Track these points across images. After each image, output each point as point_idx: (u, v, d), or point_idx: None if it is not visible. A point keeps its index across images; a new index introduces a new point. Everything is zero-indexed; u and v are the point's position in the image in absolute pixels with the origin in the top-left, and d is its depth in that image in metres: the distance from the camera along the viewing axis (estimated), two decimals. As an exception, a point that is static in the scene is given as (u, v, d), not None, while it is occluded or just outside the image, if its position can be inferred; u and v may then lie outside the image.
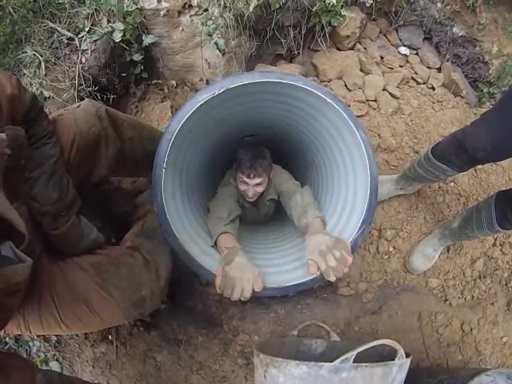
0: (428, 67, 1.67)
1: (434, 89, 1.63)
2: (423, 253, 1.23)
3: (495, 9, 1.70)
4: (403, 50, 1.66)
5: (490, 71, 1.68)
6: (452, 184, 1.39)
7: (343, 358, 0.73)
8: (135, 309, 0.78)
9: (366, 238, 1.24)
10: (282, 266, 1.01)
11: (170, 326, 1.06)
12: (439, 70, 1.70)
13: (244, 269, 0.88)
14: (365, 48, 1.61)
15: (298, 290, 0.97)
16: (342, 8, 1.41)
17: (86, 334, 0.96)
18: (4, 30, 1.17)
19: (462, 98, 1.68)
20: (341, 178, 1.05)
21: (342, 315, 1.07)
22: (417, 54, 1.70)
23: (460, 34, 1.69)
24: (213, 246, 1.00)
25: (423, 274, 1.24)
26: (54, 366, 0.93)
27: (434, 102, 1.56)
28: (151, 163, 0.89)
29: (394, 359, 0.77)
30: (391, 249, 1.25)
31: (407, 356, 0.78)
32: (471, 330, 1.21)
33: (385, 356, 0.90)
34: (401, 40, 1.70)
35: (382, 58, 1.62)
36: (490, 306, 1.27)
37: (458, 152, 0.95)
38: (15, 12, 1.19)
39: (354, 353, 0.74)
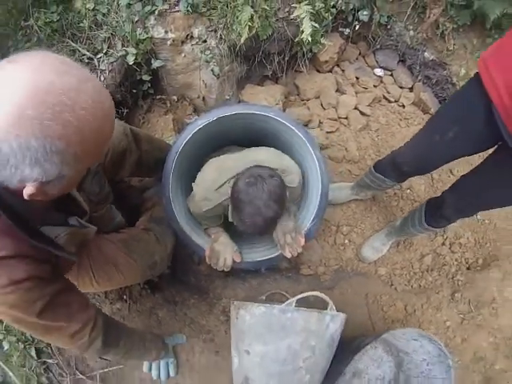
0: (401, 87, 2.17)
1: (404, 107, 2.12)
2: (372, 245, 1.73)
3: (465, 35, 2.19)
4: (378, 71, 2.16)
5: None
6: (408, 191, 1.89)
7: (287, 302, 1.21)
8: (149, 270, 1.28)
9: (325, 231, 1.75)
10: (257, 247, 1.50)
11: (169, 291, 1.60)
12: (411, 89, 2.20)
13: (227, 245, 1.38)
14: (342, 70, 2.13)
15: (267, 265, 1.46)
16: (321, 37, 1.91)
17: (106, 293, 1.46)
18: (33, 46, 1.66)
19: (431, 115, 2.17)
20: (304, 184, 1.54)
21: (301, 289, 1.55)
22: (391, 75, 2.20)
23: (431, 58, 2.18)
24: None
25: (373, 264, 1.74)
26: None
27: (401, 120, 2.05)
28: (159, 167, 1.38)
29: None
30: (346, 241, 1.78)
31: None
32: (414, 311, 1.69)
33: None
34: (377, 62, 2.20)
35: (357, 78, 2.13)
36: (435, 294, 1.76)
37: (391, 166, 1.44)
38: (41, 31, 1.69)
39: (295, 299, 1.22)
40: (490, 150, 1.15)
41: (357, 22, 1.92)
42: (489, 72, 0.96)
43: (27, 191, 0.61)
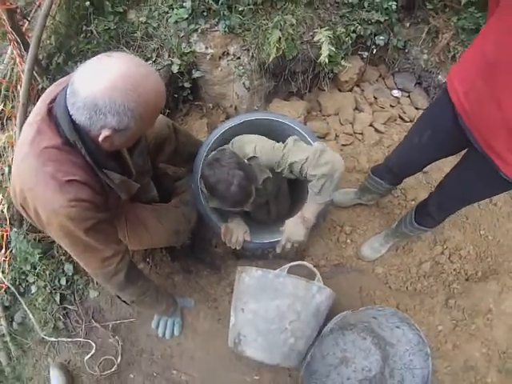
0: (416, 108, 2.40)
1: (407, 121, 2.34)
2: (371, 245, 1.94)
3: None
4: (395, 92, 2.42)
5: None
6: (413, 202, 2.08)
7: (281, 268, 1.46)
8: (173, 236, 1.59)
9: (330, 230, 2.00)
10: (264, 233, 1.77)
11: (186, 262, 1.90)
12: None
13: (239, 225, 1.67)
14: (362, 90, 2.41)
15: (270, 246, 1.70)
16: (342, 59, 2.22)
17: (132, 254, 1.78)
18: (93, 48, 2.09)
19: None
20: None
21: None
22: (408, 96, 2.44)
23: (443, 81, 2.38)
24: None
25: (372, 263, 1.94)
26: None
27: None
28: (192, 160, 1.72)
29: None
30: (348, 240, 1.99)
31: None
32: (406, 310, 1.85)
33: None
34: (396, 84, 2.46)
35: (375, 98, 2.40)
36: (429, 299, 1.91)
37: (385, 169, 1.68)
38: (99, 36, 2.13)
39: (287, 266, 1.47)
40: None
41: (374, 46, 2.22)
42: (451, 81, 1.20)
43: (105, 133, 0.94)
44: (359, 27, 2.13)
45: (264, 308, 1.47)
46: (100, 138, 0.96)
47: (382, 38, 2.16)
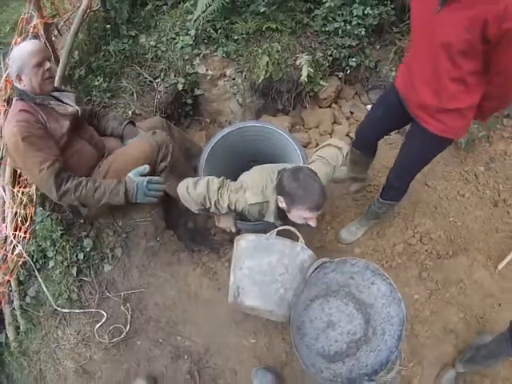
0: (387, 121, 2.89)
1: (390, 134, 2.81)
2: (348, 230, 2.32)
3: None
4: (369, 107, 2.92)
5: None
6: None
7: (270, 233, 1.81)
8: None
9: None
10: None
11: (190, 243, 2.22)
12: None
13: (229, 213, 2.02)
14: (340, 106, 2.91)
15: (263, 228, 2.06)
16: (320, 79, 2.75)
17: (145, 233, 2.09)
18: (110, 65, 2.56)
19: None
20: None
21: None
22: (381, 111, 2.94)
23: None
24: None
25: (350, 245, 2.28)
26: (118, 252, 2.07)
27: (386, 144, 2.74)
28: (189, 155, 2.13)
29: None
30: (329, 227, 2.39)
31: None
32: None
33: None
34: (370, 99, 2.97)
35: (352, 113, 2.89)
36: (403, 273, 2.23)
37: (358, 141, 2.15)
38: (116, 55, 2.60)
39: (275, 230, 1.82)
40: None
41: (348, 68, 2.77)
42: (398, 70, 1.72)
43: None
44: (335, 51, 2.68)
45: (258, 264, 1.79)
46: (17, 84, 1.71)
47: (354, 59, 2.70)
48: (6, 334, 2.05)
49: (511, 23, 1.13)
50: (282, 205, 1.72)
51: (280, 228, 1.87)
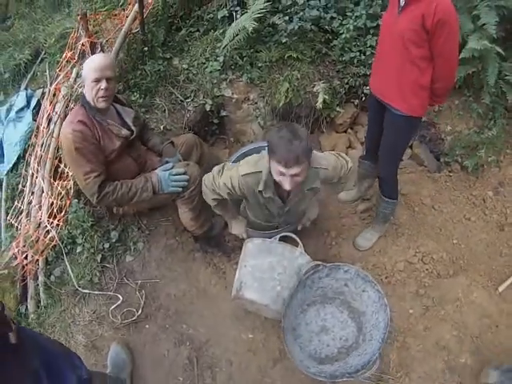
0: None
1: (402, 160, 3.06)
2: (363, 236, 2.61)
3: (451, 98, 3.13)
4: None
5: (445, 145, 3.09)
6: (391, 218, 2.70)
7: (274, 237, 2.11)
8: None
9: (318, 235, 2.67)
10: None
11: (205, 247, 2.53)
12: (411, 147, 3.16)
13: (242, 221, 2.34)
14: (355, 132, 3.21)
15: (270, 236, 2.35)
16: (337, 106, 3.07)
17: (165, 232, 2.43)
18: (146, 83, 2.96)
19: (425, 166, 3.08)
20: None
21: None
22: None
23: (423, 120, 3.12)
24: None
25: (352, 260, 2.49)
26: (140, 245, 2.42)
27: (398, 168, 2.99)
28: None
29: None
30: (333, 243, 2.66)
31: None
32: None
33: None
34: (385, 126, 3.24)
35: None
36: (401, 289, 2.41)
37: (366, 152, 2.50)
38: (151, 75, 2.99)
39: (279, 236, 2.11)
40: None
41: (363, 95, 3.09)
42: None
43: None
44: (351, 79, 3.00)
45: (260, 263, 2.07)
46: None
47: (368, 88, 3.01)
48: (27, 307, 2.37)
49: (440, 15, 1.73)
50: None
51: (283, 234, 2.17)
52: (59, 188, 2.49)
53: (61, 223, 2.41)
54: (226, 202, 2.20)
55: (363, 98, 3.09)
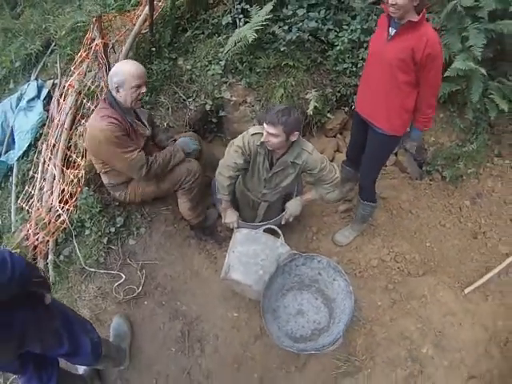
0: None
1: (386, 166, 3.60)
2: (342, 233, 3.13)
3: (436, 111, 3.55)
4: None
5: (428, 155, 3.61)
6: (370, 219, 3.25)
7: (259, 228, 2.65)
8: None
9: (301, 230, 3.17)
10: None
11: (199, 234, 3.08)
12: (395, 154, 3.69)
13: (233, 212, 2.90)
14: (344, 137, 3.74)
15: (260, 226, 2.90)
16: (328, 112, 3.61)
17: (165, 220, 2.96)
18: (152, 82, 3.48)
19: (407, 173, 3.61)
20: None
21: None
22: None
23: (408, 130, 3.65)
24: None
25: (329, 254, 3.02)
26: (142, 231, 2.96)
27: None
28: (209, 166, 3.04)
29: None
30: (314, 237, 3.18)
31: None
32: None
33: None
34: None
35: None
36: (372, 282, 2.95)
37: (347, 159, 3.02)
38: (157, 74, 3.51)
39: (263, 227, 2.66)
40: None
41: (352, 103, 3.61)
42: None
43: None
44: (343, 88, 3.52)
45: (246, 250, 2.61)
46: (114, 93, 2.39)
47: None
48: None
49: (430, 50, 2.12)
50: None
51: (266, 226, 2.71)
52: (71, 176, 3.02)
53: (71, 208, 2.94)
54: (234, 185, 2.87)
55: (353, 107, 3.61)
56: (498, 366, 2.66)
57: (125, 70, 2.39)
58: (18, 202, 3.35)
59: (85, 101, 3.26)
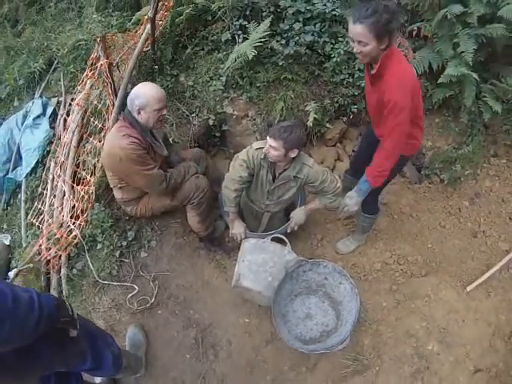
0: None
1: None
2: (344, 243, 3.32)
3: (431, 116, 3.92)
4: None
5: (426, 159, 3.85)
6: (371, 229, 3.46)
7: (267, 238, 2.87)
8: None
9: (306, 237, 3.39)
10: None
11: (208, 245, 3.29)
12: None
13: (241, 223, 3.11)
14: (344, 145, 3.97)
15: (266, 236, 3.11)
16: (327, 122, 3.83)
17: (175, 232, 3.18)
18: None
19: (407, 178, 3.84)
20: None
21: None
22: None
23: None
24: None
25: (334, 259, 3.24)
26: (153, 243, 3.16)
27: (380, 179, 3.74)
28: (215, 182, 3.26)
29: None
30: (319, 244, 3.39)
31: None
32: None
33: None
34: (370, 141, 4.01)
35: (354, 151, 3.93)
36: (376, 285, 3.17)
37: (351, 168, 3.23)
38: None
39: (271, 236, 2.87)
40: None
41: (351, 113, 3.84)
42: None
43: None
44: (341, 99, 3.74)
45: (255, 258, 2.82)
46: (135, 114, 2.56)
47: (356, 106, 3.75)
48: None
49: (389, 96, 2.14)
50: None
51: (274, 235, 2.92)
52: (82, 192, 3.22)
53: (83, 223, 3.14)
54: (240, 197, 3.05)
55: (351, 116, 3.85)
56: (503, 359, 2.86)
57: (147, 94, 2.57)
58: (28, 217, 3.54)
59: (92, 119, 3.46)
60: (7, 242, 3.65)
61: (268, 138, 2.60)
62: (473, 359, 2.81)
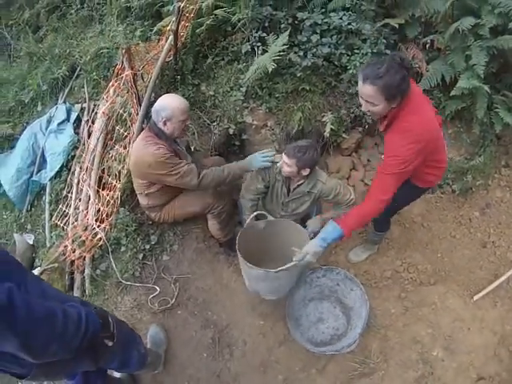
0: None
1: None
2: (355, 252, 3.66)
3: (445, 128, 4.16)
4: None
5: None
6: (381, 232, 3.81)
7: (278, 269, 3.20)
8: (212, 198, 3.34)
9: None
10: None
11: (228, 251, 3.69)
12: None
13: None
14: (359, 155, 4.32)
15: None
16: (343, 132, 4.19)
17: (196, 237, 3.55)
18: None
19: None
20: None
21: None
22: (394, 162, 4.32)
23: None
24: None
25: (347, 266, 3.60)
26: (175, 247, 3.54)
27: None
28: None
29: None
30: (333, 251, 3.77)
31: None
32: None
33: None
34: (385, 154, 4.36)
35: (369, 161, 4.28)
36: (386, 292, 3.51)
37: None
38: None
39: (282, 268, 3.24)
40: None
41: (366, 123, 4.19)
42: None
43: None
44: (356, 110, 4.08)
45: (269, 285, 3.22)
46: (161, 125, 2.87)
47: (371, 117, 4.13)
48: (73, 295, 3.38)
49: (388, 150, 2.33)
50: None
51: (286, 266, 3.06)
52: (107, 197, 3.62)
53: (107, 227, 3.54)
54: (257, 205, 3.38)
55: (366, 126, 4.20)
56: (507, 368, 3.14)
57: (173, 106, 2.86)
58: (53, 219, 3.94)
59: (117, 127, 3.86)
60: (31, 242, 4.08)
61: (283, 154, 2.89)
62: (476, 367, 3.10)
